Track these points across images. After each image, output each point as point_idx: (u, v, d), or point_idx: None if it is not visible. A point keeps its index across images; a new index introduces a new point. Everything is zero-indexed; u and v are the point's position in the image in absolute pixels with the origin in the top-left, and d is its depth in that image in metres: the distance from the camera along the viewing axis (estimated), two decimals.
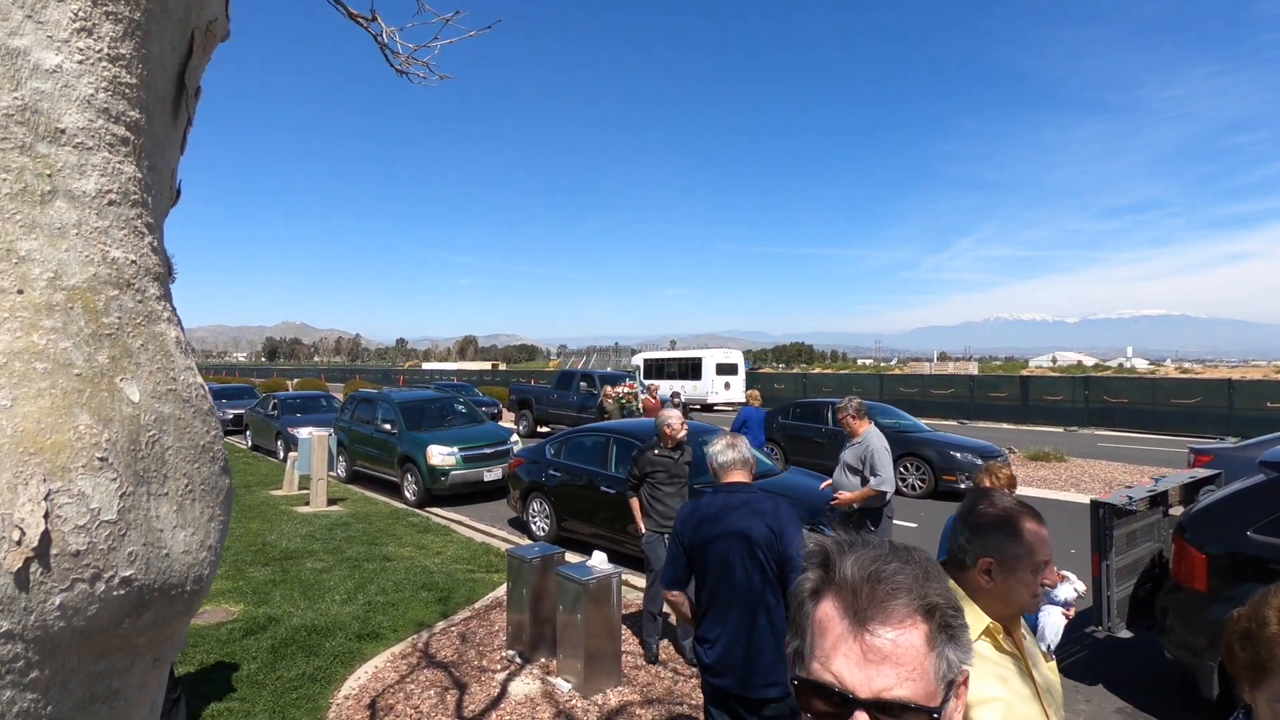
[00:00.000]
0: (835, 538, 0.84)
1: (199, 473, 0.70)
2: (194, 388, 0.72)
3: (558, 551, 5.02)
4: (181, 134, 0.83)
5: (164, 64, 0.75)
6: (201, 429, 0.72)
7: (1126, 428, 20.67)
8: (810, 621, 0.78)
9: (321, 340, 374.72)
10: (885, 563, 0.77)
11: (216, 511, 0.72)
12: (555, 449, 8.50)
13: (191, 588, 0.68)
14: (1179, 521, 4.41)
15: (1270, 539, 3.84)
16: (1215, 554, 3.99)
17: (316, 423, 14.22)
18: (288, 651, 4.88)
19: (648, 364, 29.29)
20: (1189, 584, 4.07)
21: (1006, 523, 1.57)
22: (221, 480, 0.74)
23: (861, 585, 0.75)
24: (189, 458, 0.69)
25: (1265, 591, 1.15)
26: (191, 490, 0.69)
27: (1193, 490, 5.15)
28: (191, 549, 0.68)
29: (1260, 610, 1.11)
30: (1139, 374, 57.02)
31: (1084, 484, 11.69)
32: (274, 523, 8.82)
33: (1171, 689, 4.46)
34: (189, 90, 0.80)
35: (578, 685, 4.35)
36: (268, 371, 65.79)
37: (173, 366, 0.69)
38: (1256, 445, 8.04)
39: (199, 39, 0.81)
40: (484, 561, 7.20)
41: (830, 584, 0.78)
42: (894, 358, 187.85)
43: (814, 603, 0.79)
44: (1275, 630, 1.07)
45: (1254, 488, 4.15)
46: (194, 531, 0.68)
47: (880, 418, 12.08)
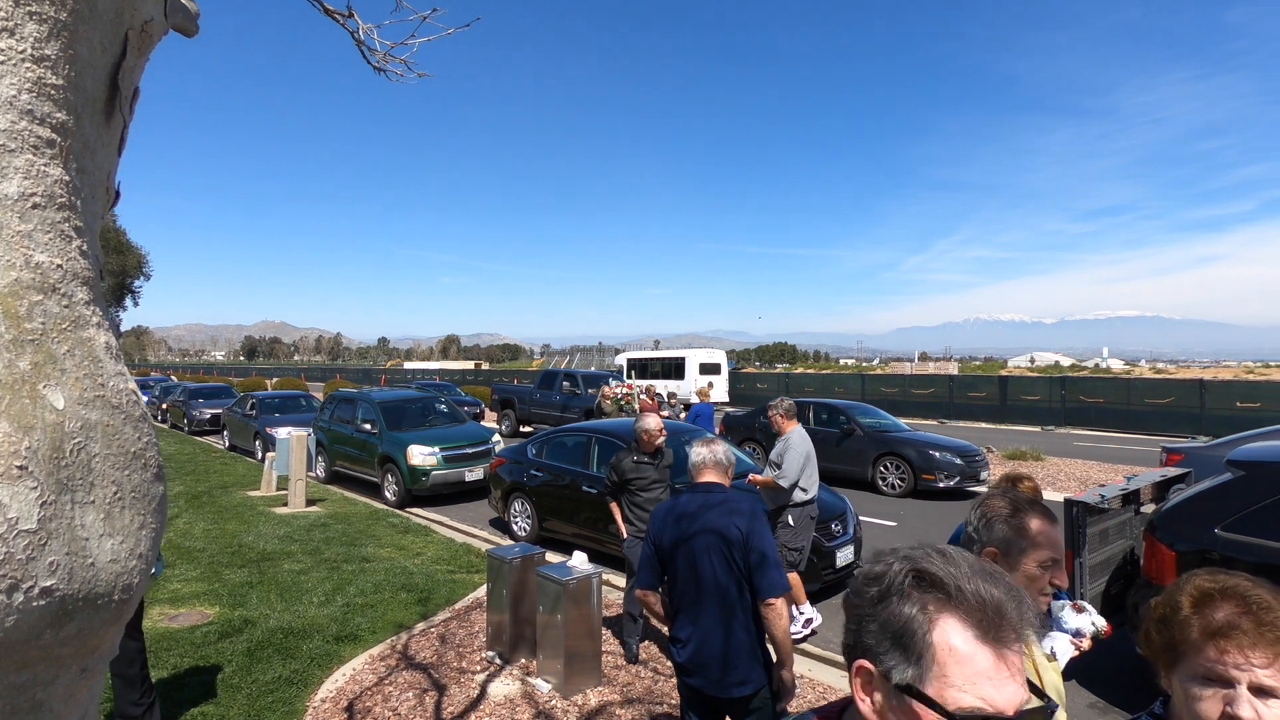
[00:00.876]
0: (914, 550, 0.82)
1: (129, 480, 0.69)
2: (124, 394, 0.70)
3: (538, 552, 5.00)
4: (117, 136, 0.80)
5: (94, 65, 0.73)
6: (132, 435, 0.70)
7: (1102, 427, 21.00)
8: (931, 644, 0.74)
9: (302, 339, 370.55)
10: (997, 582, 0.77)
11: (148, 519, 0.71)
12: (537, 449, 8.47)
13: (120, 597, 0.66)
14: (1150, 519, 4.49)
15: (1237, 536, 3.91)
16: (1184, 551, 4.06)
17: (295, 423, 14.08)
18: (264, 654, 4.82)
19: (631, 364, 29.28)
20: (1159, 580, 4.14)
21: (1014, 516, 1.61)
22: (154, 487, 0.72)
23: (997, 607, 0.75)
24: (118, 465, 0.67)
25: (1180, 579, 1.18)
26: (121, 498, 0.67)
27: (1164, 488, 5.24)
28: (120, 557, 0.66)
29: (1174, 596, 1.14)
30: (1114, 374, 57.95)
31: (1060, 483, 11.86)
32: (251, 524, 8.71)
33: (1141, 683, 4.54)
34: (123, 92, 0.78)
35: (558, 686, 4.34)
36: (246, 371, 64.94)
37: (101, 372, 0.68)
38: (1226, 444, 8.20)
39: (133, 40, 0.79)
40: (465, 562, 7.16)
41: (951, 605, 0.76)
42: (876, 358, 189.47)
43: (929, 624, 0.75)
44: (1187, 614, 1.10)
45: (1221, 486, 4.23)
46: (123, 540, 0.67)
47: (861, 417, 12.19)
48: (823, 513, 6.45)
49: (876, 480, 11.23)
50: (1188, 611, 1.10)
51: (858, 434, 11.76)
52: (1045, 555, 1.57)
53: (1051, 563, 1.57)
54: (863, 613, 0.80)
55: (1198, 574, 1.17)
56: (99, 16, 0.71)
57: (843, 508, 6.66)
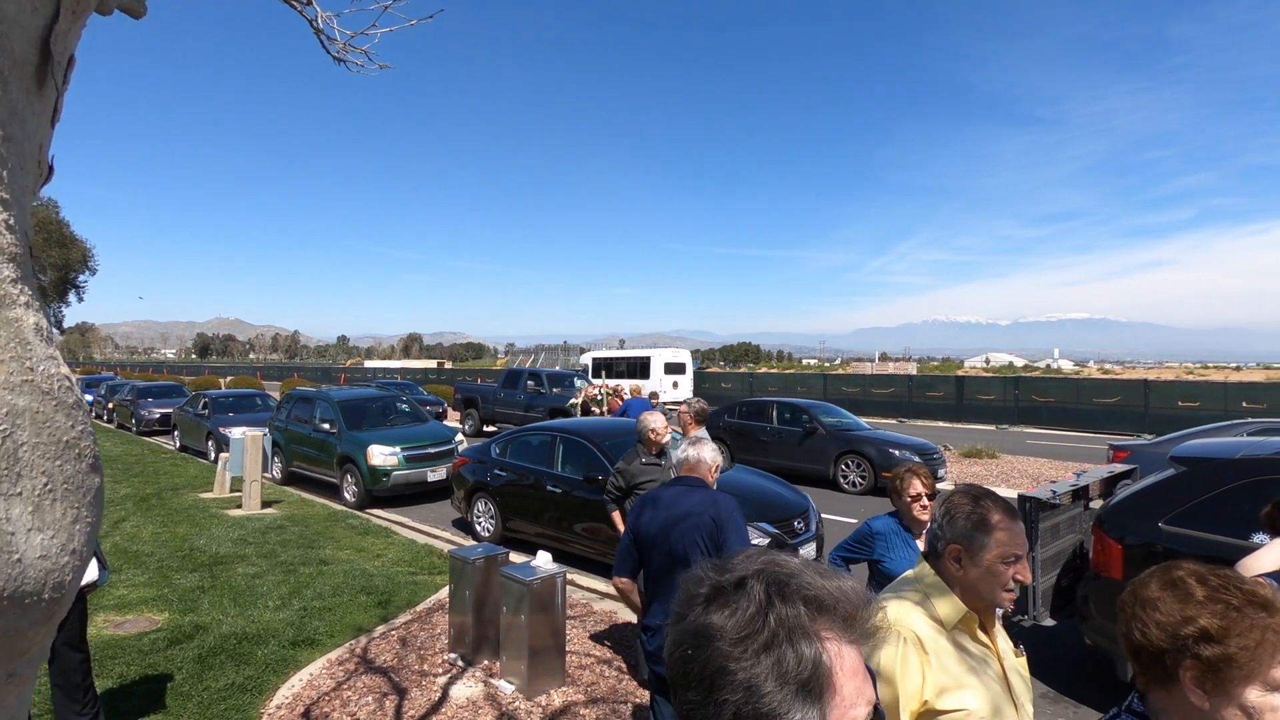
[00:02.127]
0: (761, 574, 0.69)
1: (61, 471, 0.65)
2: (56, 378, 0.66)
3: (502, 552, 4.95)
4: (50, 105, 0.76)
5: (23, 25, 0.68)
6: (65, 423, 0.66)
7: (1053, 425, 21.69)
8: (833, 674, 0.64)
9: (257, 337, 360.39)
10: (835, 573, 0.71)
11: (83, 512, 0.67)
12: (501, 449, 8.39)
13: (50, 595, 0.63)
14: (1098, 514, 4.65)
15: (1179, 529, 4.08)
16: (1131, 544, 4.22)
17: (250, 422, 13.72)
18: (216, 661, 4.68)
19: (596, 363, 29.20)
20: (1107, 573, 4.29)
21: (975, 512, 1.62)
22: (89, 479, 0.69)
23: (853, 601, 0.68)
24: (49, 455, 0.64)
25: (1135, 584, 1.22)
26: (52, 489, 0.64)
27: (1111, 484, 5.43)
28: (50, 553, 0.62)
29: (1238, 617, 1.12)
30: (1065, 375, 59.94)
31: (1013, 479, 12.22)
32: (203, 526, 8.44)
33: (1090, 673, 4.70)
34: (56, 58, 0.74)
35: (521, 686, 4.31)
36: (199, 369, 62.91)
37: (29, 355, 0.64)
38: (1169, 441, 8.56)
39: (67, 2, 0.74)
40: (426, 563, 7.05)
41: (834, 620, 0.67)
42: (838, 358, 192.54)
43: (830, 654, 0.65)
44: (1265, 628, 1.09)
45: (1164, 481, 4.41)
46: (54, 534, 0.63)
47: (823, 416, 12.37)
48: (785, 510, 6.53)
49: (838, 478, 11.41)
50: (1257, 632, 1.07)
51: (820, 433, 11.94)
52: (1007, 550, 1.58)
53: (1014, 558, 1.59)
54: (741, 676, 0.63)
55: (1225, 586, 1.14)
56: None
57: (804, 505, 6.75)
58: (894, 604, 1.65)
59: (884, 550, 3.20)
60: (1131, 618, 1.19)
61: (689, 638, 0.67)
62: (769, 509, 6.42)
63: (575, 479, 7.30)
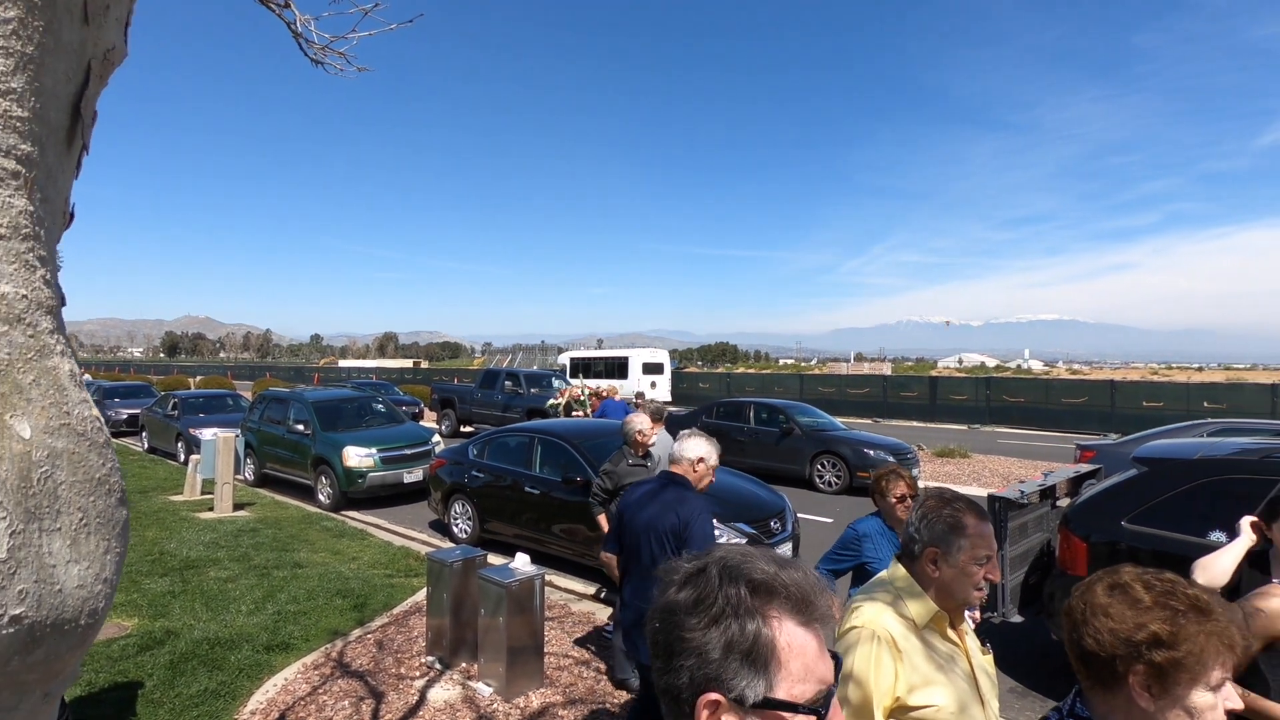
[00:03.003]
0: (720, 561, 0.79)
1: (94, 506, 0.68)
2: (88, 421, 0.69)
3: (480, 554, 4.95)
4: (76, 160, 0.79)
5: (58, 95, 0.72)
6: (97, 462, 0.69)
7: (1023, 425, 22.14)
8: (776, 649, 0.73)
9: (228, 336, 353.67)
10: (795, 565, 0.78)
11: (113, 544, 0.70)
12: (479, 450, 8.37)
13: (86, 622, 0.65)
14: (1064, 513, 4.78)
15: (1141, 528, 4.21)
16: (1095, 542, 4.35)
17: (222, 423, 13.49)
18: (188, 667, 4.61)
19: (574, 363, 29.18)
20: (1073, 570, 4.42)
21: (950, 516, 1.68)
22: (118, 512, 0.71)
23: (807, 589, 0.76)
24: (84, 491, 0.67)
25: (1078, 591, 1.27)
26: (86, 524, 0.67)
27: (1077, 484, 5.58)
28: (86, 583, 0.65)
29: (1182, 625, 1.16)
30: (1035, 375, 61.20)
31: (984, 478, 12.46)
32: (173, 530, 8.30)
33: (1057, 668, 4.84)
34: (85, 120, 0.77)
35: (499, 689, 4.32)
36: (167, 368, 61.58)
37: (66, 401, 0.67)
38: (1133, 441, 8.80)
39: (96, 68, 0.78)
40: (403, 566, 7.01)
41: (780, 602, 0.75)
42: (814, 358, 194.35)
43: (772, 630, 0.74)
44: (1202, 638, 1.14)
45: (1127, 481, 4.55)
46: (89, 565, 0.66)
47: (799, 417, 12.51)
48: (762, 511, 6.60)
49: (814, 478, 11.55)
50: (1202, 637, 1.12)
51: (796, 433, 12.07)
52: (979, 551, 1.65)
53: (985, 558, 1.66)
54: (694, 643, 0.74)
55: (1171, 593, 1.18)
56: (64, 48, 0.70)
57: (781, 505, 6.83)
58: (868, 605, 1.71)
59: (872, 551, 3.24)
60: (1082, 623, 1.22)
61: (658, 614, 0.79)
62: (746, 509, 6.49)
63: (553, 480, 7.31)
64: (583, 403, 15.06)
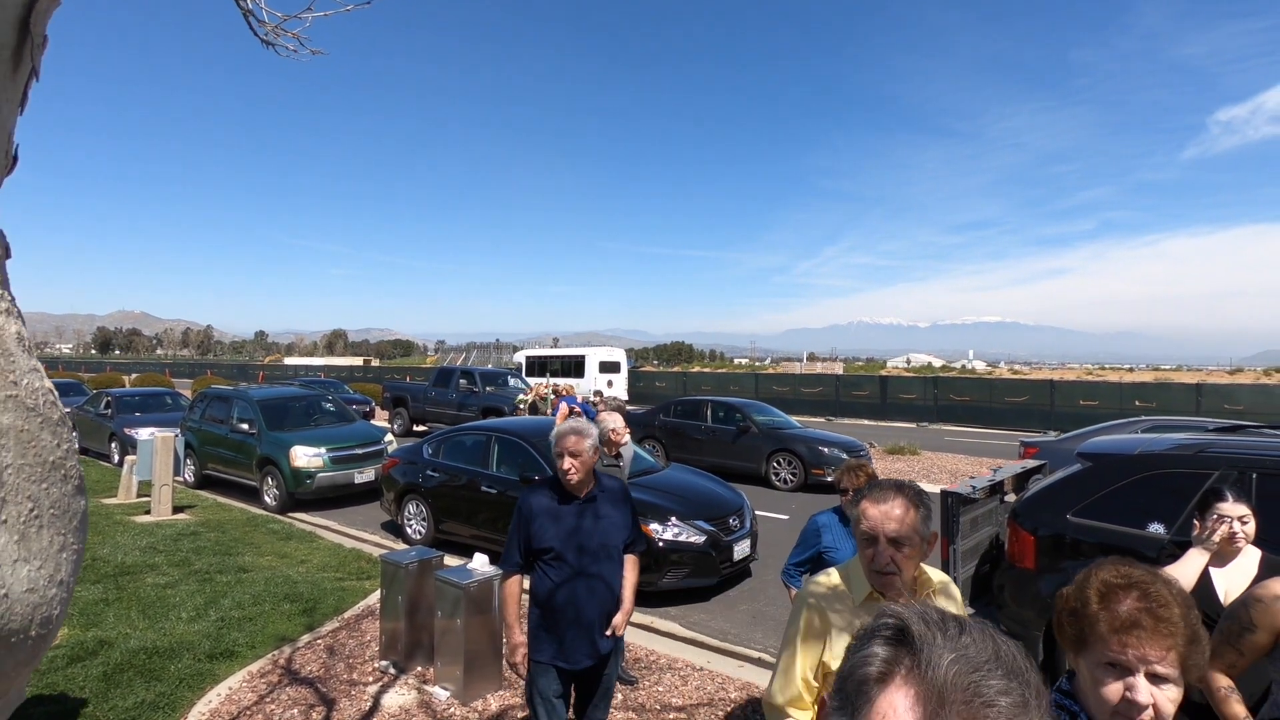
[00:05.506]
0: (927, 612, 0.68)
1: (47, 494, 0.57)
2: (40, 393, 0.59)
3: (436, 555, 4.83)
4: (21, 88, 0.67)
5: (4, 5, 0.61)
6: (50, 442, 0.59)
7: (969, 423, 22.85)
8: (870, 709, 0.62)
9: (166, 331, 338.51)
10: (990, 674, 0.61)
11: (69, 539, 0.60)
12: (434, 449, 8.20)
13: (37, 632, 0.56)
14: (1013, 507, 4.92)
15: (1085, 521, 4.36)
16: (1042, 536, 4.48)
17: (160, 423, 12.92)
18: (123, 678, 4.38)
19: (530, 361, 28.87)
20: (1021, 563, 4.54)
21: (853, 504, 1.79)
22: (75, 502, 0.61)
23: (953, 693, 0.60)
24: (35, 477, 0.56)
25: (1086, 573, 1.32)
26: (38, 515, 0.56)
27: (1024, 479, 5.76)
28: (38, 586, 0.55)
29: (1083, 591, 1.28)
30: (979, 374, 63.31)
31: (934, 475, 12.80)
32: (106, 534, 7.89)
33: None
34: (34, 38, 0.66)
35: (456, 692, 4.22)
36: (100, 365, 58.65)
37: (13, 368, 0.56)
38: (1075, 438, 9.14)
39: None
40: (354, 568, 6.81)
41: (910, 673, 0.63)
42: (768, 357, 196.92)
43: (880, 687, 0.63)
44: (1095, 609, 1.23)
45: (1072, 476, 4.70)
46: (41, 565, 0.56)
47: (756, 415, 12.64)
48: (722, 509, 6.63)
49: (770, 475, 11.67)
50: (1096, 606, 1.23)
51: (753, 431, 12.18)
52: (863, 530, 1.70)
53: (870, 539, 1.69)
54: (849, 650, 0.70)
55: (1104, 567, 1.29)
56: None
57: (739, 503, 6.87)
58: (813, 580, 1.84)
59: (830, 541, 3.43)
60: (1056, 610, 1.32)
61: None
62: (706, 507, 6.50)
63: (511, 479, 7.20)
64: (546, 400, 14.99)
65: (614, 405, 5.96)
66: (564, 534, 2.87)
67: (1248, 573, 2.55)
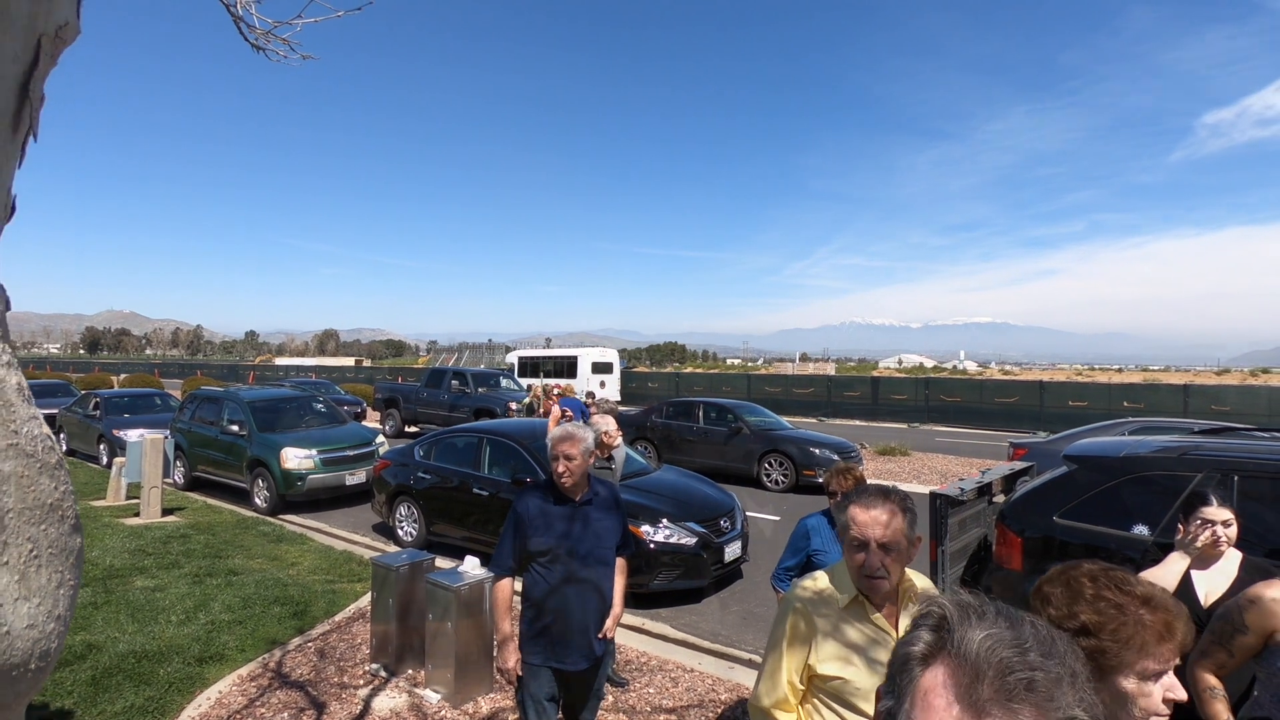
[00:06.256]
0: (963, 599, 0.74)
1: (45, 535, 0.60)
2: (39, 440, 0.62)
3: (427, 558, 4.83)
4: (20, 146, 0.71)
5: (4, 75, 0.65)
6: (49, 486, 0.62)
7: (959, 424, 22.98)
8: (914, 688, 0.69)
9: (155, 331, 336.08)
10: (1024, 651, 0.66)
11: (66, 576, 0.63)
12: (425, 450, 8.18)
13: (36, 666, 0.58)
14: (1000, 509, 4.97)
15: (1071, 523, 4.41)
16: (1030, 537, 4.53)
17: (149, 424, 12.85)
18: (112, 682, 4.36)
19: (522, 362, 28.84)
20: (1009, 565, 4.59)
21: (843, 507, 1.79)
22: (72, 540, 0.64)
23: (986, 670, 0.65)
24: (34, 519, 0.59)
25: (1085, 591, 1.32)
26: (37, 555, 0.59)
27: (1012, 480, 5.80)
28: (37, 621, 0.58)
29: (1121, 608, 1.24)
30: (969, 375, 63.67)
31: (924, 476, 12.87)
32: (95, 537, 7.83)
33: None
34: (33, 100, 0.69)
35: (448, 695, 4.22)
36: (88, 366, 58.12)
37: (14, 418, 0.59)
38: (1062, 439, 9.22)
39: (46, 46, 0.71)
40: (345, 571, 6.80)
41: (946, 653, 0.69)
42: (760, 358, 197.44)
43: (922, 668, 0.69)
44: (1148, 619, 1.21)
45: (1058, 478, 4.75)
46: (40, 601, 0.59)
47: (748, 416, 12.68)
48: (713, 510, 6.65)
49: (761, 476, 11.71)
50: (1148, 617, 1.19)
51: (744, 432, 12.21)
52: (852, 537, 1.73)
53: (859, 544, 1.71)
54: (899, 643, 0.76)
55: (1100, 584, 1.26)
56: (12, 23, 0.63)
57: (731, 504, 6.90)
58: (800, 584, 1.85)
59: (819, 544, 3.43)
60: (1033, 611, 1.30)
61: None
62: (697, 509, 6.53)
63: (503, 481, 7.20)
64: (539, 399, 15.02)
65: (607, 408, 6.00)
66: (559, 537, 2.89)
67: (1228, 575, 2.58)
